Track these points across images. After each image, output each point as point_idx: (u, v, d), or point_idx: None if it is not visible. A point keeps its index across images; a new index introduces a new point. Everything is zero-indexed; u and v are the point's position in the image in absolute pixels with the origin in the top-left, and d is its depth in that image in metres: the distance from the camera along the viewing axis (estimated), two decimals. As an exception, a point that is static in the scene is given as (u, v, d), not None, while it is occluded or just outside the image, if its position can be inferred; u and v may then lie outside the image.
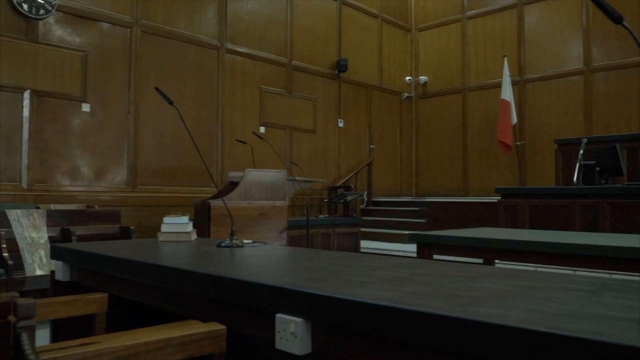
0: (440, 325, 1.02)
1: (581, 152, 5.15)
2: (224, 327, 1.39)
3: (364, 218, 8.68)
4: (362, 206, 9.35)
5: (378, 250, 6.71)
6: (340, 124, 9.49)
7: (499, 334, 0.93)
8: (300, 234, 5.59)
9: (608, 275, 4.45)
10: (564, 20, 8.89)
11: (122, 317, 2.21)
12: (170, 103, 2.55)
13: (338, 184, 8.92)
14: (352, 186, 8.82)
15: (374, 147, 10.08)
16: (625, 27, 1.14)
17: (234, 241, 2.50)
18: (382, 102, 10.46)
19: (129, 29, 6.76)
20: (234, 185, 4.52)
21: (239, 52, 8.03)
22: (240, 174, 4.42)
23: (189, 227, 2.87)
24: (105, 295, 1.87)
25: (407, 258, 1.97)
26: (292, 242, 5.68)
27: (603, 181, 5.03)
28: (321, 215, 6.84)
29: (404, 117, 10.92)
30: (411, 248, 4.08)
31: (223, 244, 2.49)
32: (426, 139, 10.81)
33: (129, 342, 1.16)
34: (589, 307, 1.09)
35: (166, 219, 2.84)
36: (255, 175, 4.25)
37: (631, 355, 0.79)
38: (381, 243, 7.54)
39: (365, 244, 7.24)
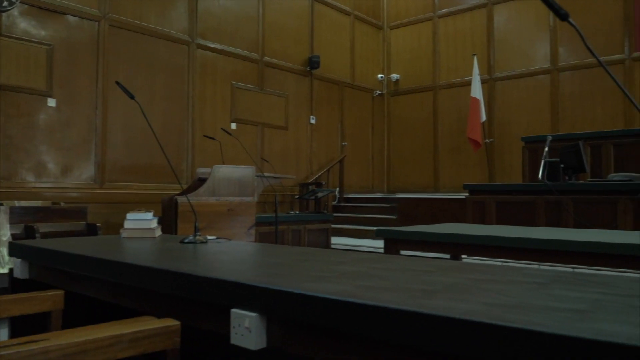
0: (390, 318, 1.02)
1: (546, 149, 5.26)
2: (178, 322, 1.37)
3: (335, 214, 8.70)
4: (334, 203, 9.38)
5: (348, 246, 6.73)
6: (312, 121, 9.48)
7: (444, 326, 0.94)
8: (270, 231, 5.57)
9: (571, 269, 4.56)
10: (532, 20, 9.04)
11: (80, 315, 2.17)
12: (132, 97, 2.51)
13: (310, 181, 8.92)
14: (324, 183, 8.83)
15: (346, 144, 10.10)
16: (571, 24, 1.16)
17: (197, 237, 2.48)
18: (354, 99, 10.49)
19: (96, 23, 6.62)
20: (202, 181, 4.48)
21: (210, 47, 7.95)
22: (208, 170, 4.38)
23: (153, 224, 2.84)
24: (61, 292, 1.84)
25: (370, 253, 1.98)
26: (262, 238, 5.67)
27: (567, 178, 5.14)
28: (292, 212, 6.84)
29: (376, 114, 10.98)
30: (381, 244, 4.11)
31: (186, 240, 2.47)
32: (398, 136, 10.88)
33: (77, 339, 1.13)
34: (536, 298, 1.11)
35: (129, 215, 2.80)
36: (223, 172, 4.21)
37: (568, 344, 0.80)
38: (352, 239, 7.57)
39: (336, 240, 7.26)
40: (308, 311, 1.19)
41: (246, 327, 1.30)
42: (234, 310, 1.34)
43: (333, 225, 7.95)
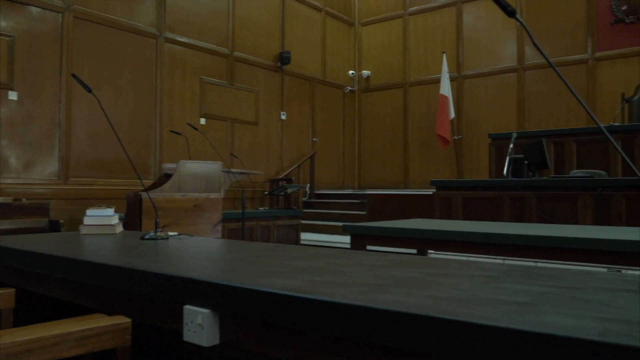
0: (338, 312, 1.02)
1: (511, 146, 5.34)
2: (129, 320, 1.35)
3: (306, 210, 8.70)
4: (305, 199, 9.38)
5: (318, 242, 6.74)
6: (283, 117, 9.45)
7: (390, 320, 0.94)
8: (239, 227, 5.54)
9: (534, 264, 4.65)
10: (499, 20, 9.17)
11: (33, 313, 2.11)
12: (89, 91, 2.45)
13: (280, 177, 8.89)
14: (294, 179, 8.82)
15: (316, 140, 10.10)
16: (518, 20, 1.17)
17: (158, 233, 2.44)
18: (326, 95, 10.49)
19: (60, 14, 6.46)
20: (168, 177, 4.41)
21: (178, 41, 7.84)
22: (174, 165, 4.32)
23: (114, 220, 2.78)
24: (12, 290, 1.78)
25: (330, 248, 1.98)
26: (230, 234, 5.62)
27: (531, 174, 5.24)
28: (261, 208, 6.80)
29: (346, 110, 11.00)
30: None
31: (146, 237, 2.42)
32: (368, 132, 10.94)
33: (23, 337, 1.10)
34: (485, 292, 1.12)
35: (89, 212, 2.74)
36: (189, 167, 4.16)
37: (509, 336, 0.81)
38: (322, 235, 7.58)
39: (306, 236, 7.26)
40: (260, 307, 1.18)
41: (199, 324, 1.28)
42: (186, 306, 1.32)
43: (303, 221, 7.95)
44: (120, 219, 3.17)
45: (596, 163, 6.04)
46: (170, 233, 2.53)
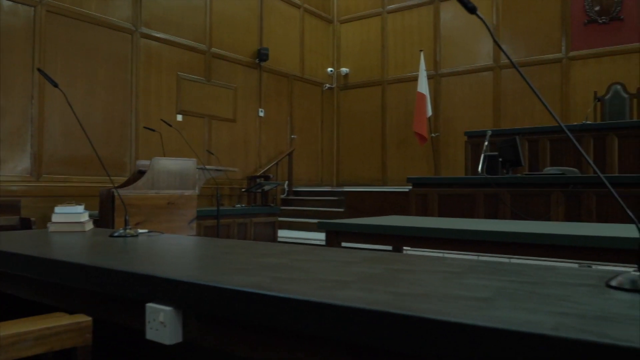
0: (297, 309, 1.01)
1: (486, 143, 5.40)
2: (89, 318, 1.32)
3: (284, 208, 8.68)
4: (283, 196, 9.36)
5: (295, 239, 6.73)
6: (261, 114, 9.41)
7: (347, 316, 0.94)
8: (215, 224, 5.50)
9: (508, 260, 4.70)
10: (475, 19, 9.16)
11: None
12: (55, 85, 2.40)
13: (258, 174, 8.85)
14: (272, 176, 8.79)
15: (295, 137, 10.08)
16: (479, 17, 1.18)
17: (127, 231, 2.40)
18: (304, 92, 10.47)
19: (32, 8, 6.33)
20: (142, 174, 4.35)
21: (154, 37, 7.75)
22: (148, 162, 4.26)
23: (84, 217, 2.74)
24: (-28, 289, 1.74)
25: (300, 245, 1.98)
26: (206, 232, 5.58)
27: (505, 171, 5.30)
28: (238, 205, 6.77)
29: (325, 107, 11.00)
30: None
31: (116, 234, 2.39)
32: (347, 129, 10.95)
33: (-24, 337, 1.07)
34: (446, 288, 1.12)
35: (57, 209, 2.69)
36: (163, 164, 4.11)
37: (463, 331, 0.81)
38: (300, 232, 7.58)
39: (283, 233, 7.24)
40: (222, 304, 1.16)
41: (161, 322, 1.26)
42: (149, 304, 1.30)
43: (282, 219, 7.93)
44: (91, 216, 3.13)
45: (569, 160, 6.14)
46: (140, 230, 2.50)
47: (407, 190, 5.92)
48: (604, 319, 0.83)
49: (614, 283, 1.12)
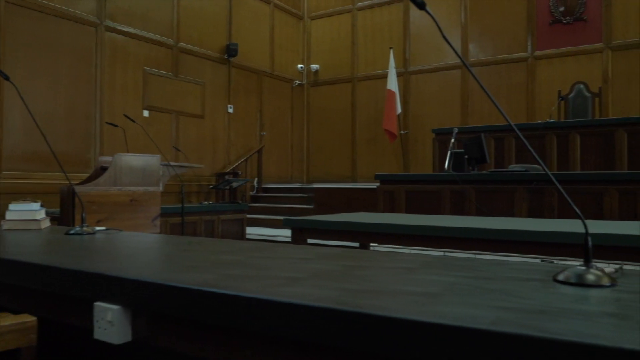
0: (246, 306, 1.00)
1: (452, 141, 5.46)
2: (34, 318, 1.28)
3: (253, 205, 8.63)
4: (252, 193, 9.30)
5: (264, 236, 6.70)
6: (230, 110, 9.33)
7: (295, 313, 0.93)
8: (181, 221, 5.42)
9: (473, 256, 4.77)
10: (444, 17, 9.35)
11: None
12: (6, 78, 2.33)
13: (227, 171, 8.78)
14: (240, 173, 8.73)
15: (264, 133, 10.03)
16: (428, 12, 1.18)
17: (84, 228, 2.35)
18: (274, 88, 10.42)
19: (-10, -1, 6.14)
20: (104, 170, 4.26)
21: (120, 30, 7.60)
22: (111, 158, 4.17)
23: (39, 215, 2.66)
24: None
25: (260, 242, 1.96)
26: (172, 229, 5.50)
27: (470, 168, 5.37)
28: (205, 202, 6.69)
29: (295, 104, 10.97)
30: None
31: (72, 232, 2.33)
32: (317, 126, 10.95)
33: None
34: (396, 283, 1.12)
35: (12, 206, 2.61)
36: (126, 160, 4.03)
37: (405, 327, 0.81)
38: (269, 229, 7.54)
39: (252, 231, 7.20)
40: (170, 302, 1.14)
41: (109, 321, 1.23)
42: (97, 303, 1.26)
43: (251, 216, 7.88)
44: (53, 213, 3.05)
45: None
46: (97, 228, 2.44)
47: (376, 187, 5.95)
48: (544, 313, 0.84)
49: (560, 277, 1.13)
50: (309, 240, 3.69)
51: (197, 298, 1.08)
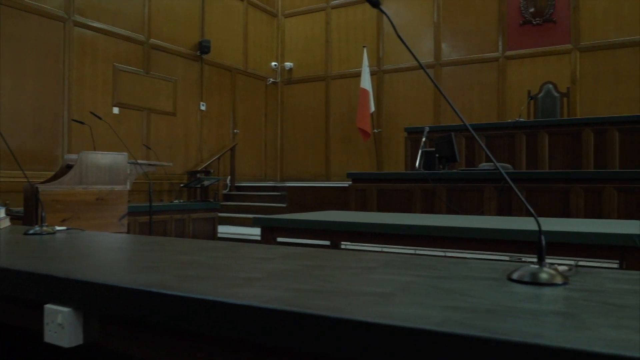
0: (196, 308, 0.98)
1: (423, 140, 5.50)
2: (-19, 322, 1.24)
3: (226, 203, 8.57)
4: (225, 191, 9.23)
5: (236, 235, 6.66)
6: (203, 107, 9.24)
7: (247, 315, 0.91)
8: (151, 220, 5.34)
9: (443, 254, 4.81)
10: (417, 16, 9.41)
11: None
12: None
13: (199, 169, 8.69)
14: (213, 171, 8.66)
15: (238, 131, 9.96)
16: (382, 11, 1.18)
17: (44, 228, 2.29)
18: (247, 86, 10.36)
19: (-48, -8, 5.96)
20: (70, 168, 4.18)
21: (89, 26, 7.45)
22: (77, 156, 4.09)
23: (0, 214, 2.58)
24: None
25: (222, 241, 1.93)
26: (141, 228, 5.42)
27: (441, 167, 5.41)
28: (175, 201, 6.62)
29: (269, 102, 10.92)
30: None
31: (31, 232, 2.27)
32: (291, 124, 10.92)
33: None
34: (352, 284, 1.11)
35: (-32, 205, 2.53)
36: (92, 158, 3.95)
37: (352, 328, 0.80)
38: (241, 228, 7.50)
39: (224, 229, 7.15)
40: (122, 304, 1.11)
41: (59, 324, 1.20)
42: (47, 305, 1.23)
43: (223, 214, 7.82)
44: (17, 213, 2.96)
45: (503, 157, 6.35)
46: (58, 228, 2.38)
47: (348, 185, 5.96)
48: (492, 313, 0.84)
49: (515, 276, 1.14)
50: (279, 239, 3.68)
51: (147, 300, 1.06)
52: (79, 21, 7.31)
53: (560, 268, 1.19)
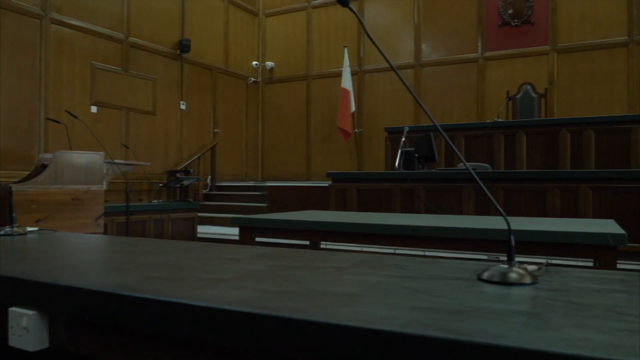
0: (161, 310, 0.96)
1: (403, 139, 5.52)
2: (-59, 327, 1.20)
3: (206, 203, 8.51)
4: (205, 191, 9.17)
5: (216, 235, 6.62)
6: (183, 107, 9.16)
7: (211, 316, 0.90)
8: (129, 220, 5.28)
9: (422, 253, 4.84)
10: (398, 17, 9.45)
11: None
12: None
13: (179, 168, 8.62)
14: (192, 170, 8.59)
15: (218, 131, 9.90)
16: (351, 10, 1.17)
17: (14, 229, 2.24)
18: (228, 85, 10.30)
19: None
20: (46, 167, 4.11)
21: (66, 23, 7.34)
22: (51, 155, 4.02)
23: (-32, 214, 2.52)
24: None
25: (200, 242, 1.91)
26: (119, 229, 5.35)
27: (420, 167, 5.44)
28: (154, 201, 6.55)
29: (250, 101, 10.88)
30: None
31: (2, 233, 2.22)
32: (272, 124, 10.89)
33: None
34: (320, 284, 1.11)
35: (-64, 205, 2.46)
36: (67, 158, 3.89)
37: (316, 330, 0.79)
38: (221, 228, 7.45)
39: (204, 229, 7.10)
40: (88, 307, 1.09)
41: (24, 327, 1.17)
42: (11, 309, 1.20)
43: (203, 214, 7.77)
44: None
45: (482, 156, 6.40)
46: (29, 228, 2.34)
47: (328, 185, 5.96)
48: (459, 313, 0.84)
49: (484, 276, 1.14)
50: (258, 239, 3.66)
51: (113, 302, 1.04)
52: (56, 18, 7.20)
53: (530, 267, 1.19)
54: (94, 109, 7.66)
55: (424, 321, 0.79)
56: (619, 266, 2.57)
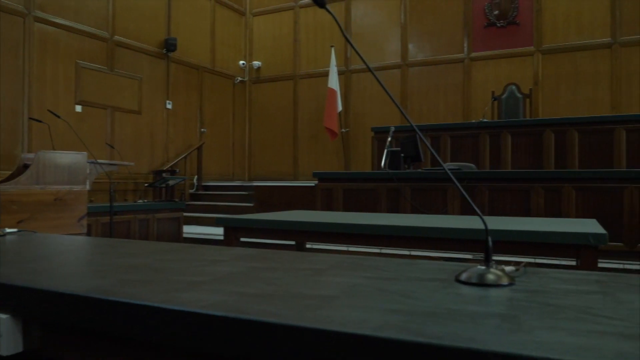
0: (135, 313, 0.95)
1: (389, 139, 5.53)
2: None
3: (192, 203, 8.47)
4: (192, 191, 9.12)
5: (202, 235, 6.59)
6: (169, 106, 9.10)
7: (183, 320, 0.89)
8: (113, 221, 5.23)
9: (408, 253, 4.85)
10: (385, 17, 9.47)
11: None
12: None
13: (165, 168, 8.57)
14: (178, 170, 8.54)
15: (205, 130, 9.85)
16: (328, 11, 1.17)
17: (-8, 230, 2.21)
18: (215, 85, 10.25)
19: None
20: (27, 167, 4.06)
21: (50, 21, 7.26)
22: (33, 155, 3.98)
23: (-54, 216, 2.49)
24: None
25: (182, 243, 1.90)
26: (103, 229, 5.31)
27: (406, 166, 5.45)
28: (140, 200, 6.50)
29: (237, 101, 10.84)
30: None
31: (-21, 234, 2.19)
32: (259, 123, 10.86)
33: None
34: (297, 286, 1.10)
35: None
36: (50, 157, 3.85)
37: (288, 333, 0.79)
38: (207, 228, 7.42)
39: (190, 229, 7.06)
40: (62, 310, 1.07)
41: (-4, 332, 1.15)
42: (-16, 313, 1.18)
43: (189, 214, 7.73)
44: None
45: (468, 156, 6.44)
46: (8, 229, 2.30)
47: (314, 185, 5.95)
48: (433, 316, 0.84)
49: (462, 277, 1.14)
50: (243, 239, 3.65)
51: (87, 306, 1.02)
52: (39, 17, 7.12)
53: (507, 268, 1.20)
54: (78, 108, 7.59)
55: (397, 324, 0.78)
56: (600, 265, 2.59)
